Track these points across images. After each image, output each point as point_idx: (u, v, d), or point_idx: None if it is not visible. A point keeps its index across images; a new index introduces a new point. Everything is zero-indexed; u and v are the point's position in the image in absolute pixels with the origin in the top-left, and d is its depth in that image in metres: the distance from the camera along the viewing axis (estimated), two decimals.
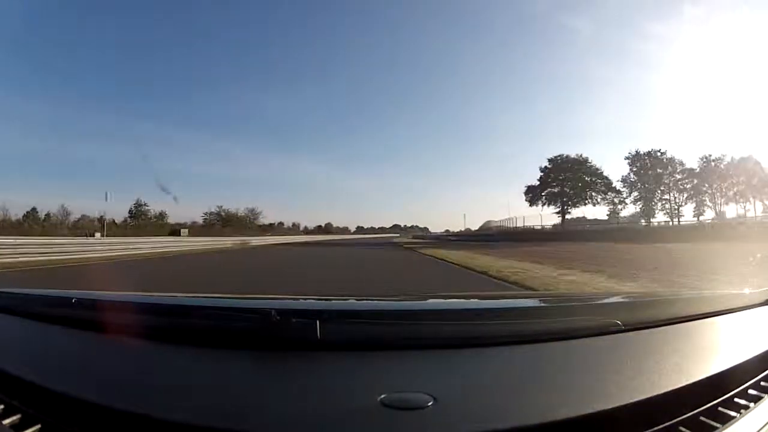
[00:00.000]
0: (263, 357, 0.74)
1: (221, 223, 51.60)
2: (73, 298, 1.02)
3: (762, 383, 0.71)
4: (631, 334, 0.86)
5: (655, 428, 0.57)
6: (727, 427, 0.60)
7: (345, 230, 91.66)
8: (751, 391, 0.69)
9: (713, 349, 0.85)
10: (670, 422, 0.59)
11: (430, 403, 0.56)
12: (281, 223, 71.80)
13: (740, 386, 0.68)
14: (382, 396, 0.57)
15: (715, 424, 0.60)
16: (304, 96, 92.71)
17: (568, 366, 0.73)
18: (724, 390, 0.66)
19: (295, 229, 74.19)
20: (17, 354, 0.83)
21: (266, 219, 62.91)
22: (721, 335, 0.94)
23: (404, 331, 0.84)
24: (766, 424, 0.62)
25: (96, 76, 66.55)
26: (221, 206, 55.30)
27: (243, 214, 57.44)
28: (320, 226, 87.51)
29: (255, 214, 59.82)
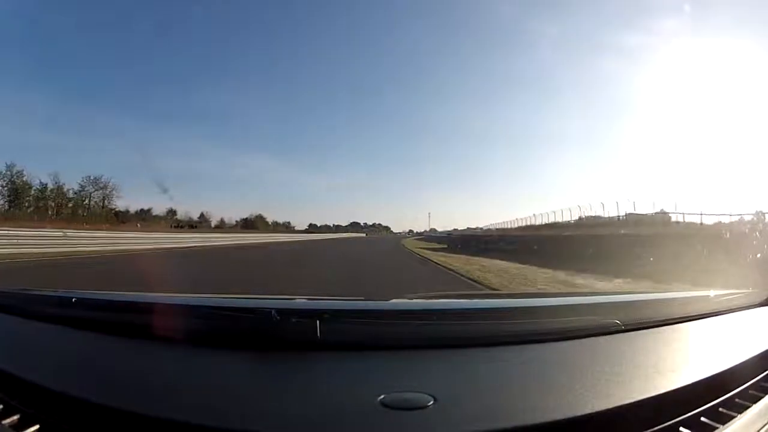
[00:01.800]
0: (263, 357, 0.74)
1: None
2: (72, 298, 1.02)
3: (762, 383, 0.71)
4: (631, 334, 0.86)
5: (655, 428, 0.57)
6: (727, 427, 0.60)
7: (284, 228, 65.96)
8: (751, 391, 0.69)
9: (713, 349, 0.85)
10: (670, 422, 0.59)
11: (430, 403, 0.56)
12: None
13: (740, 386, 0.68)
14: (382, 396, 0.57)
15: (715, 424, 0.60)
16: (247, 88, 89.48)
17: (568, 366, 0.73)
18: (724, 390, 0.66)
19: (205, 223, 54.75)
20: (17, 354, 0.83)
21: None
22: (721, 335, 0.94)
23: (404, 331, 0.84)
24: (766, 424, 0.62)
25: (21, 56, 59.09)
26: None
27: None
28: (246, 219, 64.26)
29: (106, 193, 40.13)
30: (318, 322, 0.76)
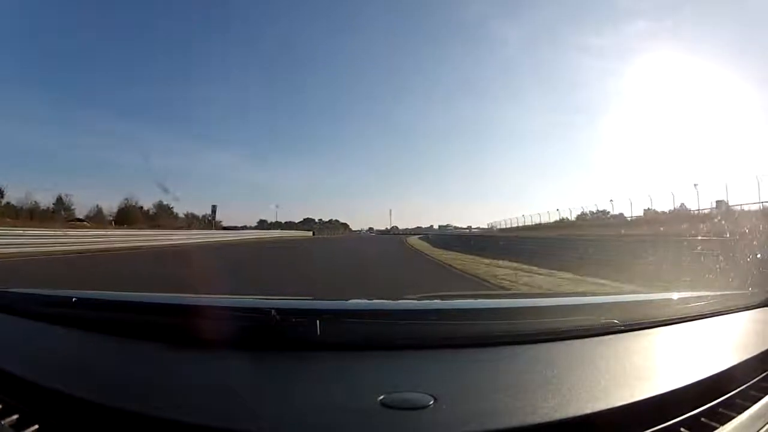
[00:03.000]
0: (263, 357, 0.74)
1: None
2: (72, 298, 1.02)
3: (762, 383, 0.71)
4: (630, 334, 0.86)
5: (655, 428, 0.57)
6: (727, 427, 0.60)
7: (203, 223, 45.53)
8: (751, 391, 0.69)
9: (713, 349, 0.85)
10: (670, 422, 0.59)
11: (430, 403, 0.56)
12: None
13: (740, 386, 0.68)
14: (382, 396, 0.57)
15: (715, 424, 0.60)
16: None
17: (567, 366, 0.72)
18: (724, 390, 0.66)
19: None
20: (17, 353, 0.83)
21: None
22: (721, 335, 0.94)
23: (404, 331, 0.84)
24: (766, 424, 0.62)
25: None
26: None
27: None
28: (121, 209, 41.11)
29: None
30: (318, 322, 0.76)
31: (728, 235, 5.53)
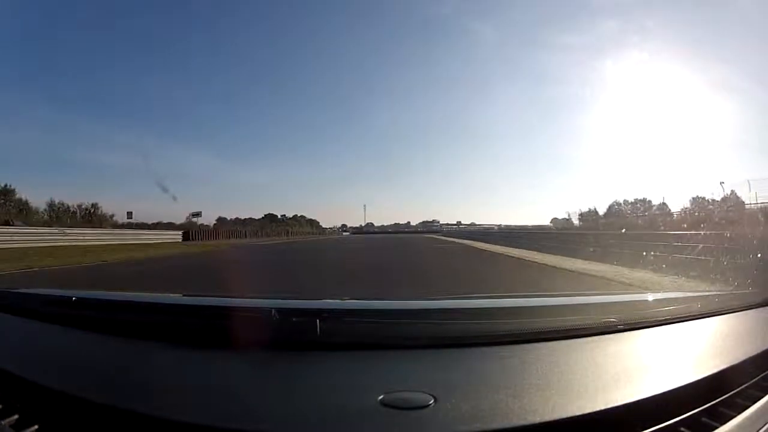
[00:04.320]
0: (263, 357, 0.74)
1: None
2: (72, 298, 1.02)
3: (762, 383, 0.71)
4: (630, 333, 0.86)
5: (655, 428, 0.57)
6: (727, 427, 0.60)
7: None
8: (751, 391, 0.69)
9: (713, 349, 0.85)
10: (670, 422, 0.59)
11: (430, 403, 0.56)
12: None
13: (740, 386, 0.68)
14: (382, 396, 0.57)
15: (715, 423, 0.60)
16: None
17: (568, 366, 0.73)
18: (724, 390, 0.66)
19: None
20: (16, 353, 0.83)
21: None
22: (721, 335, 0.94)
23: (404, 331, 0.84)
24: (766, 424, 0.62)
25: None
26: None
27: None
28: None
29: None
30: (318, 321, 0.76)
31: None
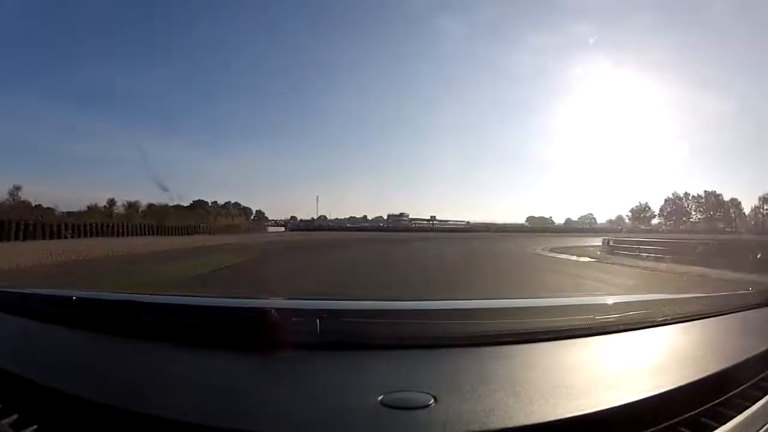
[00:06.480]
0: (263, 357, 0.74)
1: None
2: (72, 297, 1.02)
3: (762, 383, 0.71)
4: (630, 333, 0.86)
5: (655, 428, 0.57)
6: (727, 427, 0.60)
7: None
8: (751, 391, 0.69)
9: (713, 349, 0.85)
10: (670, 422, 0.59)
11: (430, 403, 0.56)
12: None
13: (740, 386, 0.68)
14: (382, 396, 0.57)
15: (715, 424, 0.60)
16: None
17: (567, 366, 0.73)
18: (724, 390, 0.66)
19: None
20: (16, 353, 0.83)
21: None
22: (721, 335, 0.94)
23: (404, 331, 0.84)
24: (766, 424, 0.62)
25: None
26: None
27: None
28: None
29: None
30: (318, 321, 0.76)
31: None
